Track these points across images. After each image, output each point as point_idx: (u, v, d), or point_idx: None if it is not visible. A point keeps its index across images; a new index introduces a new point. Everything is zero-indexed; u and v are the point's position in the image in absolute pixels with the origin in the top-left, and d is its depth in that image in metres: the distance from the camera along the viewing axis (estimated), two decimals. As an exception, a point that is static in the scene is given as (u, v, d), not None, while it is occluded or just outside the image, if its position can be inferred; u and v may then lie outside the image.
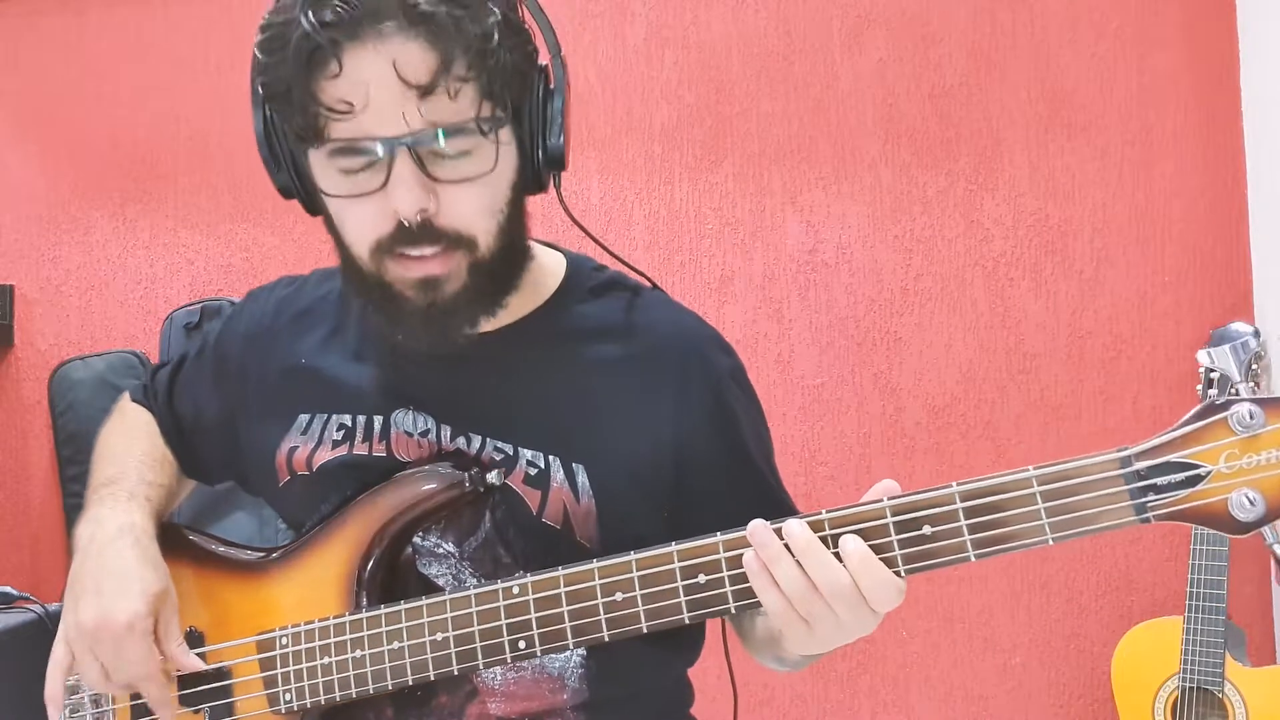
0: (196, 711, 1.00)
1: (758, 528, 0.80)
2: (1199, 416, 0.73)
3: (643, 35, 2.45)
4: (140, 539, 0.99)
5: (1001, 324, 2.28)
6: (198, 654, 0.99)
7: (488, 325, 0.98)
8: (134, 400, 1.19)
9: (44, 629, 2.28)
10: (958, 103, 2.30)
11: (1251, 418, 0.71)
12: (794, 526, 0.79)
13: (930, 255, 2.32)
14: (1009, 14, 2.29)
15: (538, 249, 1.04)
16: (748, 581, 0.81)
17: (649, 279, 1.08)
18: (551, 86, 0.92)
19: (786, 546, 0.79)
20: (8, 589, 2.41)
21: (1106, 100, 2.24)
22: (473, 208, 0.88)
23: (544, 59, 0.94)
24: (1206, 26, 2.20)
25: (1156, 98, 2.22)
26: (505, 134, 0.89)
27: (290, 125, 0.88)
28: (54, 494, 2.68)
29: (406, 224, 0.86)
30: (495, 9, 0.85)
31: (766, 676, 2.34)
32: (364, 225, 0.89)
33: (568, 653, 0.96)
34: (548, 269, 1.04)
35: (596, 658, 0.97)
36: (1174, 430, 0.74)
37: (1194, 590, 1.90)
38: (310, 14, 0.81)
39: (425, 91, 0.82)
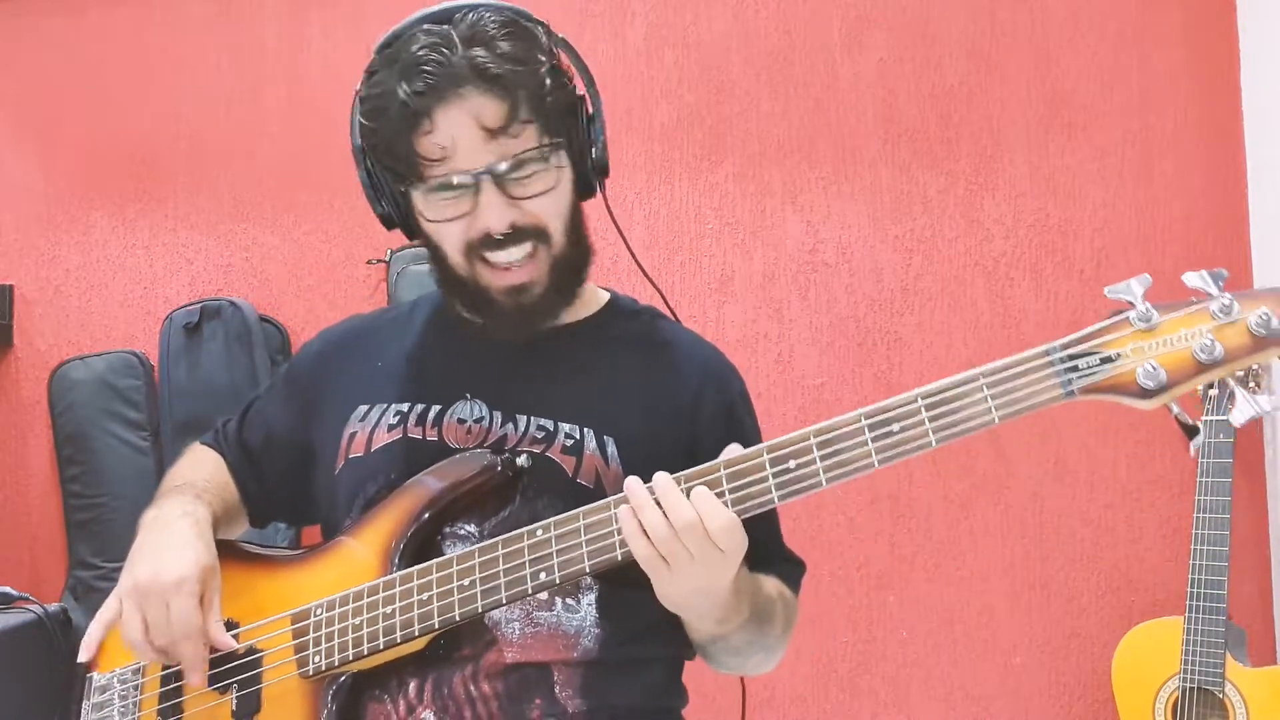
0: (223, 690, 1.05)
1: (631, 481, 0.95)
2: (1109, 318, 0.90)
3: (643, 35, 2.45)
4: (200, 523, 1.11)
5: (1001, 324, 2.28)
6: (232, 636, 1.06)
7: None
8: (202, 444, 1.30)
9: (44, 629, 2.28)
10: (958, 103, 2.30)
11: (1149, 312, 0.89)
12: (659, 476, 0.95)
13: (930, 255, 2.32)
14: (1009, 14, 2.29)
15: (589, 283, 1.22)
16: (746, 489, 0.94)
17: (672, 309, 1.26)
18: (590, 112, 1.14)
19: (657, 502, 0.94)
20: (7, 589, 2.41)
21: (1106, 100, 2.24)
22: (546, 210, 1.09)
23: (581, 89, 1.15)
24: (1206, 26, 2.20)
25: (1156, 98, 2.22)
26: (561, 157, 1.09)
27: (394, 172, 1.08)
28: (53, 494, 2.68)
29: (498, 237, 1.05)
30: (544, 60, 1.07)
31: (767, 676, 2.34)
32: (456, 236, 1.08)
33: (582, 613, 1.05)
34: (596, 295, 1.24)
35: (611, 620, 1.06)
36: (1089, 329, 0.90)
37: (1194, 590, 1.90)
38: (405, 85, 1.02)
39: (497, 134, 1.03)
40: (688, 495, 0.93)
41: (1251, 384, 0.90)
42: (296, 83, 2.63)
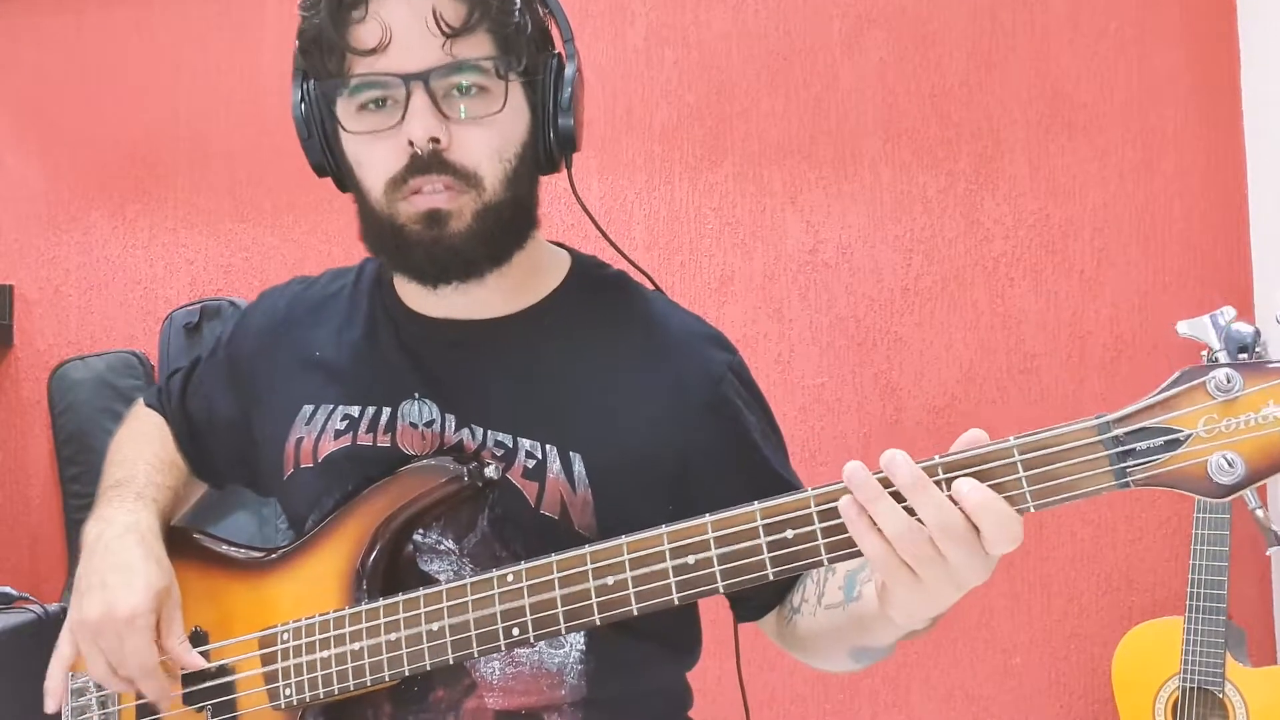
0: (199, 710, 1.01)
1: (853, 467, 0.75)
2: (1177, 383, 0.72)
3: (643, 35, 2.45)
4: (145, 537, 1.01)
5: (1002, 324, 2.28)
6: (201, 652, 1.00)
7: (494, 311, 1.02)
8: (147, 405, 1.21)
9: (43, 629, 2.28)
10: (958, 103, 2.30)
11: (1229, 381, 0.69)
12: (899, 461, 0.75)
13: (930, 255, 2.32)
14: (1009, 14, 2.29)
15: (545, 244, 1.08)
16: (736, 561, 0.81)
17: (649, 276, 1.11)
18: (561, 66, 0.99)
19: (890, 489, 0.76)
20: (7, 589, 2.40)
21: (1106, 100, 2.24)
22: (482, 147, 0.93)
23: (560, 49, 1.03)
24: (1206, 26, 2.20)
25: (1156, 98, 2.22)
26: (517, 91, 0.96)
27: (319, 70, 0.95)
28: (53, 494, 2.68)
29: (419, 152, 0.91)
30: None
31: (767, 677, 2.34)
32: (379, 163, 0.94)
33: (566, 648, 0.97)
34: (553, 264, 1.07)
35: (596, 655, 0.97)
36: (1152, 396, 0.72)
37: (1194, 590, 1.90)
38: None
39: (450, 35, 0.90)
40: (947, 486, 0.75)
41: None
42: (296, 83, 2.62)
